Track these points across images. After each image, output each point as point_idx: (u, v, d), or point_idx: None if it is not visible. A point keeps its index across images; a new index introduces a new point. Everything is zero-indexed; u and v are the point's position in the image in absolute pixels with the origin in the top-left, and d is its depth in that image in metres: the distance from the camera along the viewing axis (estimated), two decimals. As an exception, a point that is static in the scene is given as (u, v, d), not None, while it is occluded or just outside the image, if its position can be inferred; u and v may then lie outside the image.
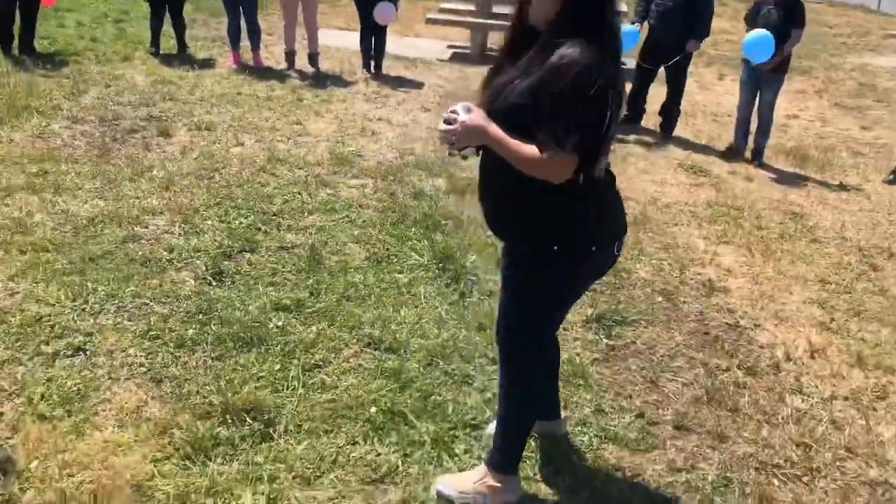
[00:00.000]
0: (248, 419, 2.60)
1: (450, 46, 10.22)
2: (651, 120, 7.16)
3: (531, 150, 1.94)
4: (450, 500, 2.35)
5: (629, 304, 3.71)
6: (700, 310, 3.75)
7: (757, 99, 6.43)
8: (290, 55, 8.08)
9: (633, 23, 6.91)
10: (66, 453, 2.42)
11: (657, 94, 7.04)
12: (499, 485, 2.33)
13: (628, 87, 7.01)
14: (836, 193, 5.81)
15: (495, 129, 1.99)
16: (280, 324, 3.22)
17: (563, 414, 2.71)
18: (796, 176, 6.20)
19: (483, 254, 4.05)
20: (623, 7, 8.74)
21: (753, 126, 6.52)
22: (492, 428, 2.64)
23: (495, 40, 10.15)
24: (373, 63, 8.14)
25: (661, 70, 6.89)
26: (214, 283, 3.54)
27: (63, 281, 3.43)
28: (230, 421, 2.59)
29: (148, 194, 4.48)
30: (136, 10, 10.15)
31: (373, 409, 2.69)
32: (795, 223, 5.08)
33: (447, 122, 2.04)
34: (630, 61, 6.95)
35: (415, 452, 2.53)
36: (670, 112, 6.97)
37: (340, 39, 9.47)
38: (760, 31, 5.92)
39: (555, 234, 2.08)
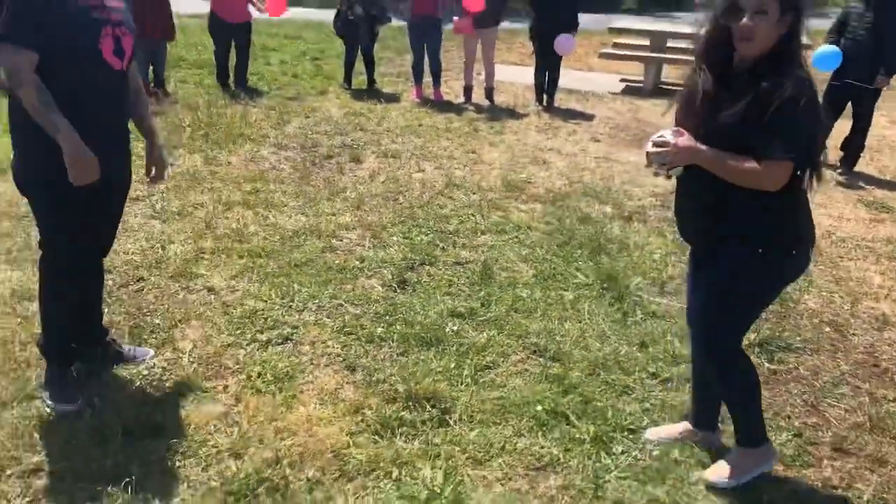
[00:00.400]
0: (427, 406, 2.95)
1: (622, 80, 10.39)
2: (833, 154, 6.95)
3: (748, 162, 2.21)
4: (725, 489, 2.59)
5: (794, 332, 3.74)
6: (871, 342, 3.71)
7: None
8: (467, 90, 8.61)
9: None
10: (278, 421, 2.87)
11: (841, 129, 6.83)
12: (760, 456, 2.63)
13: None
14: None
15: (706, 148, 2.27)
16: (455, 328, 3.57)
17: (720, 426, 2.85)
18: None
19: (647, 276, 4.22)
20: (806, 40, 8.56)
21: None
22: (649, 433, 2.84)
23: (669, 74, 10.22)
24: (546, 96, 8.48)
25: (848, 106, 6.70)
26: (399, 290, 3.96)
27: (273, 282, 3.98)
28: (412, 406, 2.95)
29: (342, 212, 5.04)
30: (331, 49, 11.17)
31: (538, 408, 2.95)
32: None
33: (658, 145, 2.32)
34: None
35: (575, 448, 2.77)
36: (853, 146, 6.75)
37: (515, 75, 9.93)
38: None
39: (760, 239, 2.35)
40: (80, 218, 2.74)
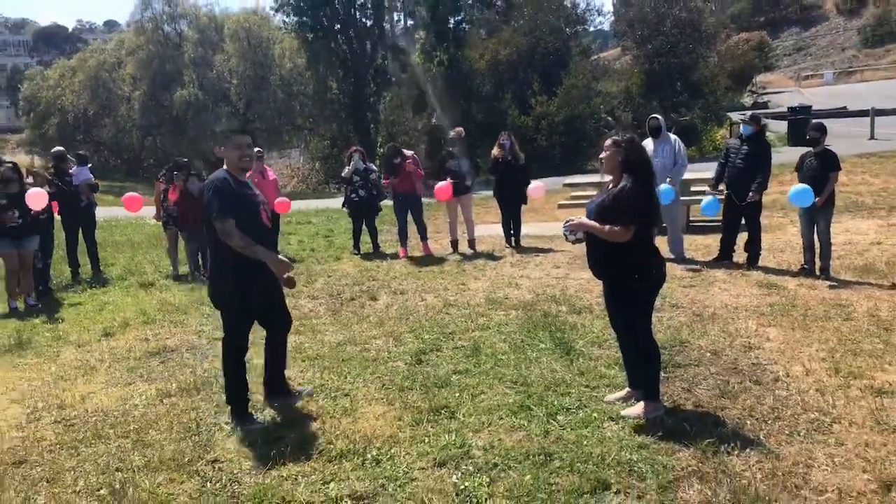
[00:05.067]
0: (443, 412, 4.71)
1: (581, 225, 12.59)
2: (741, 256, 8.97)
3: (612, 227, 4.24)
4: (631, 419, 4.43)
5: (685, 357, 5.53)
6: (736, 358, 5.51)
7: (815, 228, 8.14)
8: (453, 243, 10.76)
9: (711, 186, 9.00)
10: (350, 428, 4.60)
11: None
12: (656, 406, 4.49)
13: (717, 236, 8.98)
14: (887, 292, 7.28)
15: (592, 222, 4.32)
16: (456, 378, 5.37)
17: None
18: (856, 283, 7.71)
19: (588, 340, 6.06)
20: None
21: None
22: (608, 398, 4.68)
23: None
24: (513, 239, 10.66)
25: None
26: (417, 365, 5.77)
27: (331, 370, 5.79)
28: (433, 412, 4.71)
29: (369, 329, 6.92)
30: (339, 227, 13.46)
31: (510, 401, 4.73)
32: (837, 310, 6.66)
33: (568, 223, 4.39)
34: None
35: (534, 420, 4.51)
36: (752, 247, 8.78)
37: (493, 230, 12.12)
38: (800, 186, 7.74)
39: (635, 272, 4.36)
40: (249, 318, 4.71)
